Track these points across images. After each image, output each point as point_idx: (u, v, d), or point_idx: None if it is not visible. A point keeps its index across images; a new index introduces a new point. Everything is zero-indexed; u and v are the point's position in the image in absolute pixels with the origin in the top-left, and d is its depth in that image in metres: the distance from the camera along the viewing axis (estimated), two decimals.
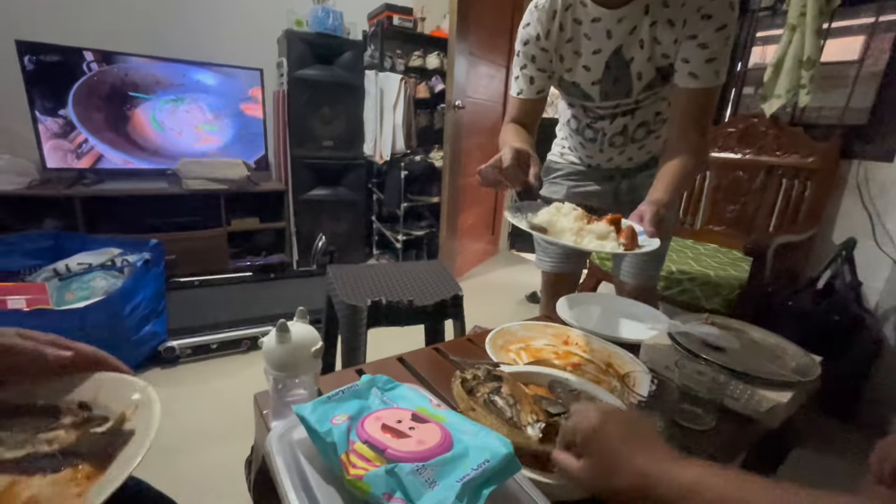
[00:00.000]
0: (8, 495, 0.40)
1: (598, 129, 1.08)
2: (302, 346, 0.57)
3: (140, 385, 0.52)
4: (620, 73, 0.95)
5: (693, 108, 0.91)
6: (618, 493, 0.43)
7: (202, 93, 2.35)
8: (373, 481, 0.39)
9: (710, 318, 0.96)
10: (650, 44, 0.90)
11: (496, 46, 2.64)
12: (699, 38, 0.86)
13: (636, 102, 1.01)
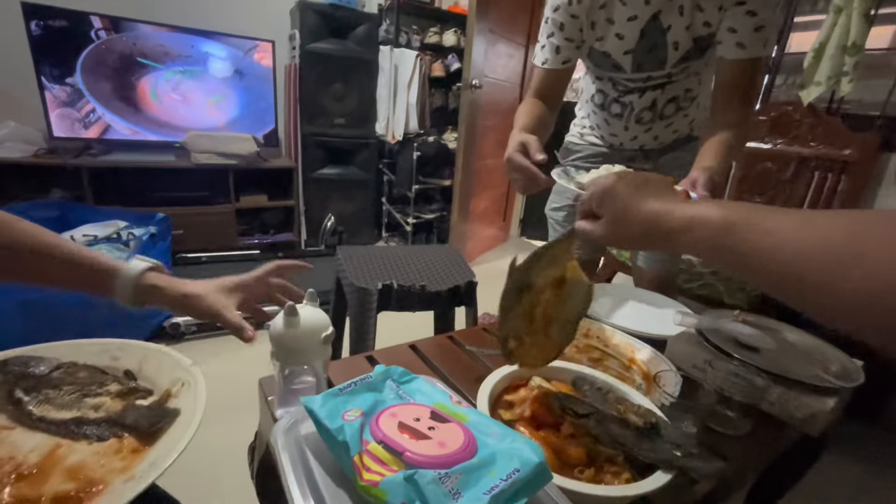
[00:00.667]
0: (51, 458, 0.40)
1: (625, 103, 1.02)
2: (311, 331, 0.53)
3: (186, 363, 0.54)
4: (656, 42, 0.90)
5: (740, 79, 0.87)
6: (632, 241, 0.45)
7: (211, 64, 2.28)
8: (389, 489, 0.34)
9: (742, 315, 0.91)
10: (691, 11, 0.85)
11: (517, 24, 2.53)
12: (747, 5, 0.81)
13: (668, 76, 0.95)
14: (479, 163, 2.49)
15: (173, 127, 2.27)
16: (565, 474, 0.47)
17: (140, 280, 0.54)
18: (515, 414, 0.55)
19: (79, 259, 0.53)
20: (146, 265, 0.54)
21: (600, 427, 0.51)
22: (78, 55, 2.00)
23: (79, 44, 1.99)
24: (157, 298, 0.55)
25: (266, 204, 2.48)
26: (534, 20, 2.68)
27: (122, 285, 0.53)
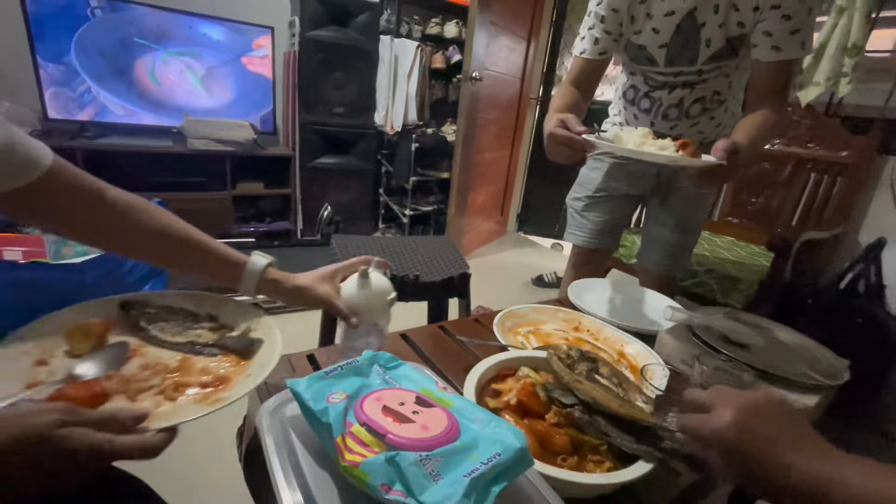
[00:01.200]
0: (185, 363, 0.53)
1: (655, 98, 1.06)
2: (379, 293, 0.62)
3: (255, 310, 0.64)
4: (690, 38, 0.93)
5: (776, 81, 0.90)
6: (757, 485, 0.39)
7: (209, 48, 2.26)
8: (370, 470, 0.34)
9: (733, 312, 0.91)
10: (726, 9, 0.88)
11: (520, 17, 2.52)
12: (783, 9, 0.84)
13: (699, 73, 0.98)
14: (477, 156, 2.49)
15: (169, 108, 2.25)
16: (549, 462, 0.47)
17: (263, 274, 0.60)
18: (501, 402, 0.56)
19: (213, 250, 0.60)
20: (267, 261, 0.61)
21: (585, 417, 0.52)
22: (72, 33, 1.98)
23: (73, 21, 1.97)
24: (274, 290, 0.62)
25: (263, 192, 2.47)
26: (536, 14, 2.66)
27: (248, 278, 0.60)
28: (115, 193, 0.55)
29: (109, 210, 0.54)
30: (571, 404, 0.53)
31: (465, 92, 2.19)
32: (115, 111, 2.14)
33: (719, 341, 0.78)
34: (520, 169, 3.15)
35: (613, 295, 1.03)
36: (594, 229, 1.21)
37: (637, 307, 0.99)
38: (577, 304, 0.95)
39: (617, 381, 0.59)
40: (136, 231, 0.56)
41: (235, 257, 0.61)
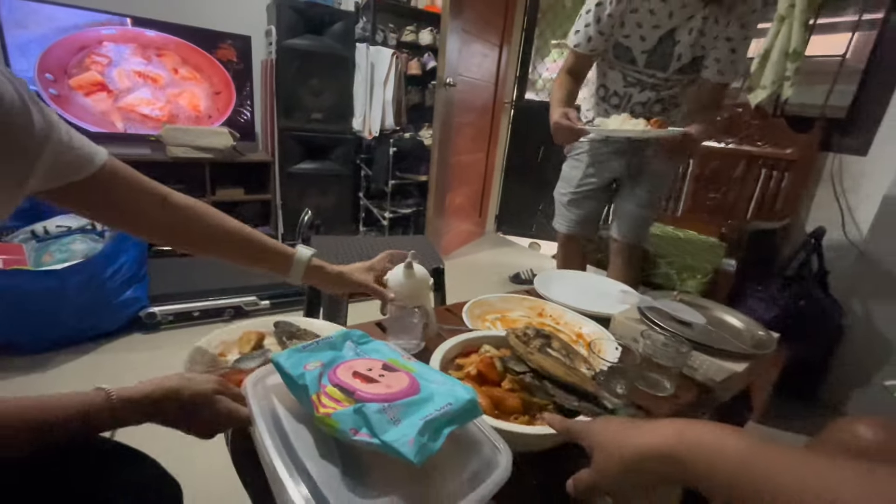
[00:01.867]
0: None
1: (624, 95, 1.25)
2: (422, 279, 0.76)
3: None
4: (667, 50, 1.14)
5: (713, 97, 1.18)
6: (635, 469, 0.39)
7: (184, 59, 2.29)
8: (340, 418, 0.41)
9: (680, 295, 1.00)
10: (697, 34, 1.09)
11: (491, 25, 2.61)
12: (732, 43, 1.08)
13: (666, 80, 1.19)
14: (454, 158, 2.56)
15: (145, 120, 2.27)
16: (503, 420, 0.54)
17: (309, 263, 0.70)
18: (463, 373, 0.62)
19: (265, 244, 0.69)
20: (311, 252, 0.71)
21: (535, 382, 0.59)
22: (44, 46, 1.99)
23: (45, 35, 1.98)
24: (319, 277, 0.73)
25: (242, 198, 2.50)
26: (508, 22, 2.76)
27: (297, 267, 0.70)
28: (177, 197, 0.62)
29: (174, 212, 0.61)
30: (523, 372, 0.60)
31: (440, 97, 2.26)
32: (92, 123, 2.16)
33: (665, 320, 0.86)
34: (496, 171, 3.24)
35: (575, 284, 1.11)
36: (575, 220, 1.43)
37: (596, 294, 1.07)
38: (542, 293, 1.02)
39: (566, 353, 0.67)
40: (200, 231, 0.64)
41: (284, 250, 0.70)
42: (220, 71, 2.38)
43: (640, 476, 0.40)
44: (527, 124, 3.03)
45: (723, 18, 1.06)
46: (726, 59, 1.10)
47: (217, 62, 2.36)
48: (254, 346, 0.70)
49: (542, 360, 0.61)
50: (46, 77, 2.02)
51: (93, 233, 1.65)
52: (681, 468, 0.37)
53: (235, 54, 2.39)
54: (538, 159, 3.09)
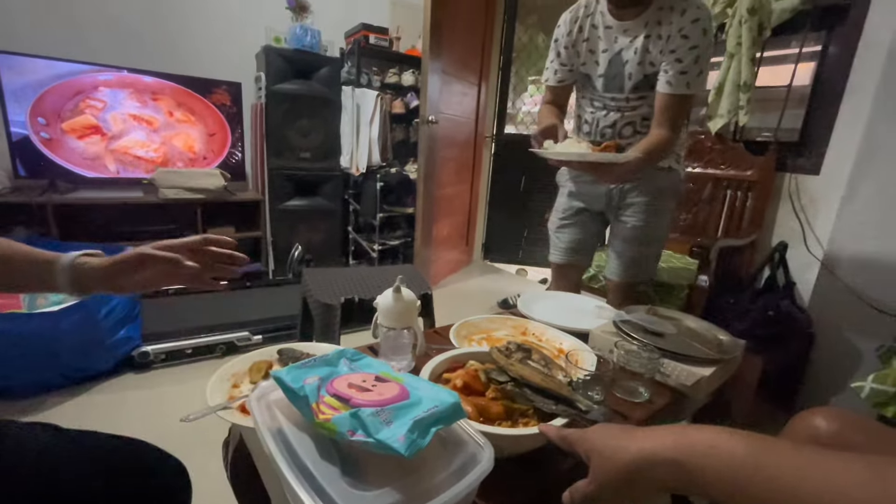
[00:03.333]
0: None
1: (592, 120, 1.29)
2: (410, 302, 0.80)
3: None
4: (617, 72, 1.20)
5: (666, 109, 1.15)
6: None
7: (179, 103, 2.39)
8: (338, 422, 0.46)
9: (653, 309, 1.07)
10: (642, 52, 1.15)
11: (468, 66, 2.78)
12: (676, 54, 1.10)
13: (627, 100, 1.23)
14: (439, 191, 2.66)
15: (139, 165, 2.34)
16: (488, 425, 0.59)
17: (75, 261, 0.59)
18: (449, 386, 0.67)
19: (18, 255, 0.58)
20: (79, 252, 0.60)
21: (516, 389, 0.64)
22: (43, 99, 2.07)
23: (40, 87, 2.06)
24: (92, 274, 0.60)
25: (233, 236, 2.54)
26: (484, 62, 2.94)
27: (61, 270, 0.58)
28: None
29: None
30: (505, 381, 0.66)
31: (423, 134, 2.38)
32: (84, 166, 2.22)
33: (638, 332, 0.92)
34: (481, 201, 3.36)
35: (557, 303, 1.18)
36: (565, 248, 1.44)
37: (575, 312, 1.13)
38: (525, 313, 1.08)
39: (544, 363, 0.72)
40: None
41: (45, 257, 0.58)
42: (214, 113, 2.48)
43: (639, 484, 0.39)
44: (508, 156, 3.18)
45: (664, 33, 1.11)
46: (674, 70, 1.11)
47: (212, 105, 2.46)
48: (264, 375, 0.74)
49: (522, 369, 0.66)
50: (39, 121, 2.08)
51: None
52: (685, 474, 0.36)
53: (229, 98, 2.50)
54: (521, 188, 3.22)
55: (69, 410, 1.41)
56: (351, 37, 2.82)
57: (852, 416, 0.69)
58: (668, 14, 1.10)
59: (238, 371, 0.76)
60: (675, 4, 1.09)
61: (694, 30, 1.07)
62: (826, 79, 1.64)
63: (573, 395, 0.63)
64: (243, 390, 0.72)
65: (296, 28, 2.50)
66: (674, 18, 1.09)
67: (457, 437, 0.52)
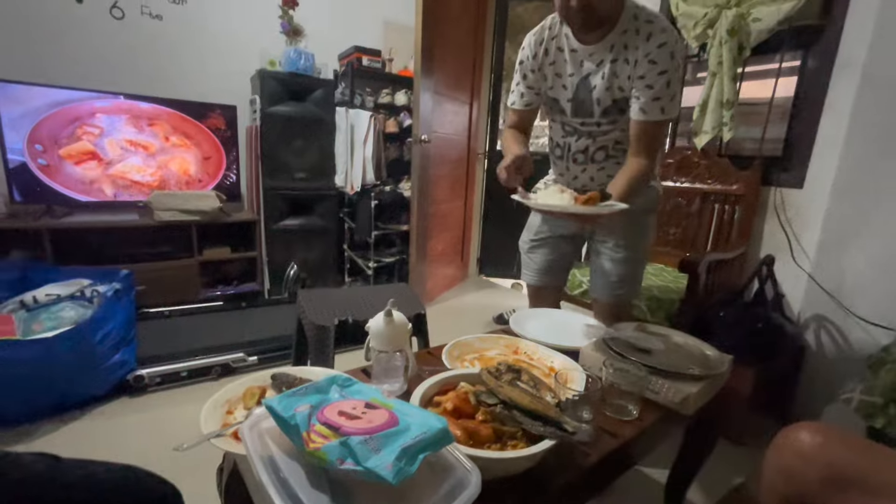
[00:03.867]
0: None
1: (564, 145, 1.27)
2: (401, 325, 0.84)
3: None
4: (585, 97, 1.16)
5: (643, 136, 1.12)
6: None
7: (174, 128, 2.42)
8: (328, 451, 0.47)
9: (641, 325, 1.09)
10: (609, 76, 1.11)
11: (460, 85, 2.83)
12: (646, 80, 1.07)
13: (598, 125, 1.19)
14: (433, 208, 2.69)
15: (136, 188, 2.37)
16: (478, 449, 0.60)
17: None
18: (440, 409, 0.69)
19: None
20: None
21: (504, 412, 0.65)
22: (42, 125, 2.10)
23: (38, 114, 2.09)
24: None
25: (229, 256, 2.56)
26: (475, 82, 3.00)
27: None
28: None
29: None
30: (494, 403, 0.67)
31: (416, 153, 2.42)
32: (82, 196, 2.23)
33: (627, 349, 0.94)
34: (475, 216, 3.39)
35: (548, 321, 1.19)
36: (538, 268, 1.38)
37: (566, 329, 1.15)
38: (517, 331, 1.10)
39: (533, 384, 0.74)
40: None
41: None
42: (209, 137, 2.51)
43: None
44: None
45: (630, 58, 1.06)
46: (646, 97, 1.07)
47: (207, 130, 2.50)
48: (257, 401, 0.75)
49: (511, 391, 0.68)
50: (36, 148, 2.10)
51: (82, 299, 1.69)
52: None
53: (224, 122, 2.54)
54: (514, 203, 3.25)
55: (63, 437, 1.40)
56: (344, 59, 2.88)
57: (836, 431, 0.71)
58: (634, 38, 1.06)
59: (232, 397, 0.77)
60: (639, 28, 1.05)
61: (661, 55, 1.04)
62: (805, 95, 1.69)
63: (560, 417, 0.64)
64: (237, 416, 0.73)
65: (290, 51, 2.56)
66: (639, 43, 1.05)
67: (445, 461, 0.53)
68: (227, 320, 2.21)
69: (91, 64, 2.29)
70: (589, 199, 0.99)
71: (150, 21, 2.41)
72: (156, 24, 2.42)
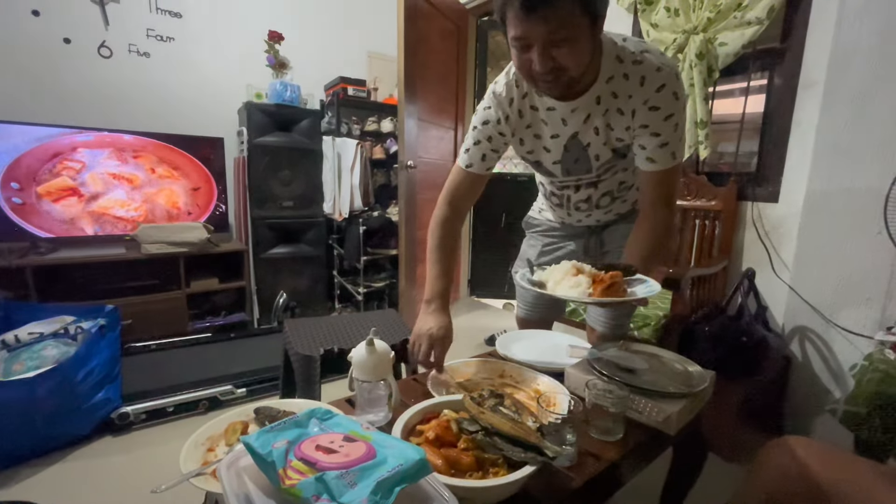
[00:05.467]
0: None
1: (562, 196, 1.16)
2: (384, 354, 0.81)
3: None
4: (579, 156, 1.02)
5: (658, 187, 0.97)
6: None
7: (161, 159, 2.44)
8: (304, 487, 0.47)
9: (625, 343, 1.10)
10: (604, 130, 0.96)
11: (443, 112, 2.90)
12: (650, 128, 0.91)
13: (598, 176, 1.07)
14: (420, 232, 2.71)
15: (121, 224, 2.36)
16: (459, 478, 0.60)
17: None
18: (422, 438, 0.69)
19: None
20: None
21: (486, 439, 0.66)
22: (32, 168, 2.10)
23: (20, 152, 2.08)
24: None
25: (217, 287, 2.55)
26: (459, 108, 3.07)
27: None
28: None
29: None
30: (475, 431, 0.67)
31: (402, 178, 2.46)
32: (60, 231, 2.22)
33: (611, 368, 0.94)
34: (465, 238, 3.42)
35: (533, 342, 1.20)
36: (533, 302, 1.31)
37: (551, 350, 1.15)
38: (503, 354, 1.10)
39: (515, 409, 0.74)
40: None
41: None
42: (198, 167, 2.53)
43: None
44: (488, 193, 3.22)
45: (626, 108, 0.91)
46: (652, 144, 0.92)
47: (195, 160, 2.52)
48: (241, 435, 0.74)
49: (492, 417, 0.68)
50: (11, 186, 2.07)
51: (65, 337, 1.66)
52: None
53: (212, 153, 2.56)
54: (501, 225, 3.30)
55: (43, 481, 1.36)
56: (330, 89, 2.94)
57: (817, 446, 0.72)
58: (623, 84, 0.90)
59: (214, 433, 0.76)
60: (628, 72, 0.89)
61: (663, 98, 0.88)
62: (774, 113, 1.76)
63: (541, 442, 0.64)
64: (218, 454, 0.72)
65: (276, 84, 2.61)
66: (632, 90, 0.89)
67: (424, 493, 0.53)
68: (215, 352, 2.18)
69: (79, 101, 2.33)
70: (611, 285, 0.83)
71: (137, 58, 2.46)
72: (143, 62, 2.47)
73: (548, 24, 0.76)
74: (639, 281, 0.90)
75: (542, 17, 0.75)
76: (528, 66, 0.83)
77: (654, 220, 0.99)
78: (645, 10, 2.00)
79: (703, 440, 1.03)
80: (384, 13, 3.03)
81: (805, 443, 0.72)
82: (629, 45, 0.90)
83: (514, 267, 1.39)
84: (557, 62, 0.80)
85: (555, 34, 0.77)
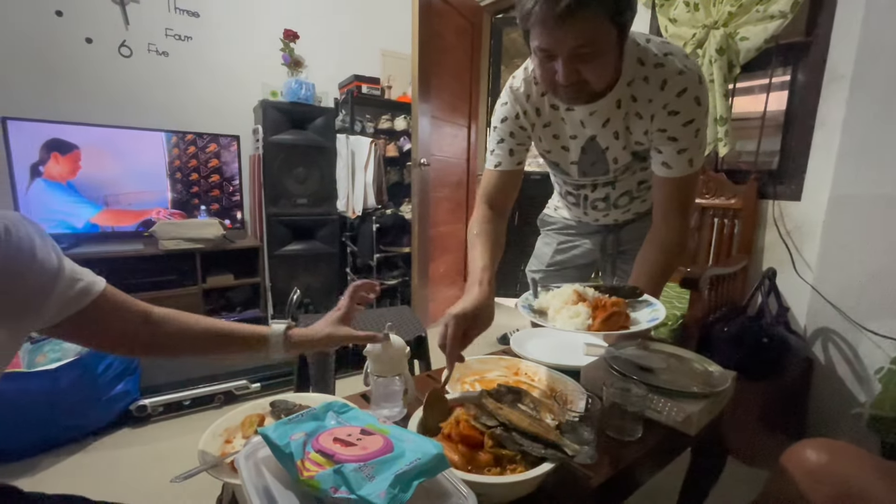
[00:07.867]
0: None
1: (579, 195, 1.13)
2: (399, 349, 0.83)
3: None
4: (597, 158, 1.00)
5: (672, 194, 0.94)
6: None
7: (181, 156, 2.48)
8: (322, 479, 0.47)
9: (643, 342, 1.08)
10: (624, 134, 0.93)
11: (457, 109, 2.89)
12: (668, 132, 0.88)
13: (615, 178, 1.05)
14: (433, 230, 2.71)
15: (141, 219, 2.41)
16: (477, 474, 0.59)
17: (287, 338, 0.75)
18: (441, 434, 0.68)
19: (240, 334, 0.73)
20: (284, 325, 0.76)
21: (504, 435, 0.65)
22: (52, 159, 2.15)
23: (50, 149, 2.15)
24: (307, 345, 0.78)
25: (232, 283, 2.58)
26: (472, 106, 3.06)
27: (275, 345, 0.74)
28: (157, 312, 0.70)
29: (155, 326, 0.68)
30: (494, 426, 0.66)
31: (416, 176, 2.46)
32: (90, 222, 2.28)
33: (629, 367, 0.93)
34: None
35: (548, 340, 1.19)
36: None
37: (567, 348, 1.14)
38: (518, 352, 1.09)
39: (533, 406, 0.73)
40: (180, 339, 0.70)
41: (259, 333, 0.74)
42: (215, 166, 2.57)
43: None
44: None
45: (644, 112, 0.89)
46: (669, 149, 0.89)
47: (214, 159, 2.55)
48: (258, 427, 0.74)
49: (510, 413, 0.67)
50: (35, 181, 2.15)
51: None
52: None
53: (227, 152, 2.59)
54: (515, 223, 3.27)
55: (64, 470, 1.39)
56: (344, 87, 2.95)
57: (843, 448, 0.69)
58: (643, 87, 0.87)
59: (231, 426, 0.76)
60: (648, 75, 0.86)
61: (683, 103, 0.85)
62: (797, 109, 1.71)
63: (560, 440, 0.63)
64: (236, 445, 0.73)
65: (291, 82, 2.63)
66: (652, 94, 0.86)
67: (441, 488, 0.52)
68: None
69: (101, 99, 2.37)
70: (613, 314, 0.81)
71: (156, 58, 2.50)
72: (162, 61, 2.51)
73: (576, 39, 0.73)
74: (644, 303, 0.88)
75: (569, 31, 0.72)
76: (551, 76, 0.81)
77: (666, 233, 0.96)
78: (663, 6, 1.97)
79: (723, 442, 1.01)
80: (398, 11, 3.03)
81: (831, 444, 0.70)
82: (652, 46, 0.87)
83: (529, 266, 1.38)
84: (582, 76, 0.79)
85: (582, 48, 0.75)
